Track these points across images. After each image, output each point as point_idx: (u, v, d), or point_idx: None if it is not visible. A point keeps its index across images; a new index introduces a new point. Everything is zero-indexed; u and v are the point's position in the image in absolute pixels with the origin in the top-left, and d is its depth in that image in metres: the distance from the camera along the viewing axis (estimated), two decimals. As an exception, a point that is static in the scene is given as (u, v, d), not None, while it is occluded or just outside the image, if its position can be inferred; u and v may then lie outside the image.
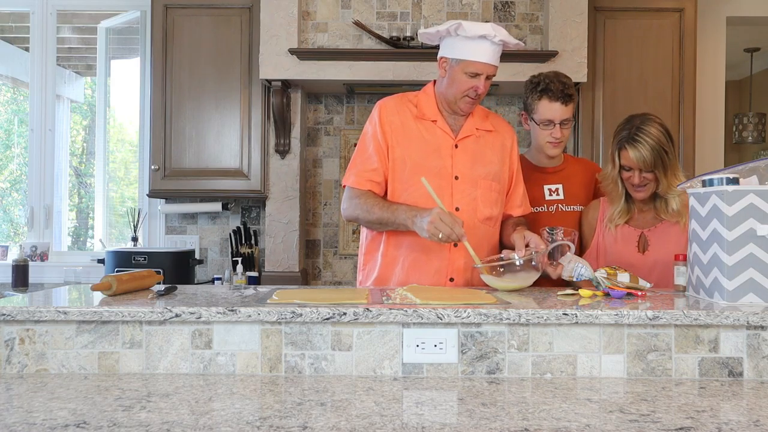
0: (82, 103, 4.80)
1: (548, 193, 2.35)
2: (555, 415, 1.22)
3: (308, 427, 1.14)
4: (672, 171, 2.12)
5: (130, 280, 1.72)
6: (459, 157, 2.17)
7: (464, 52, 2.09)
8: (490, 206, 2.18)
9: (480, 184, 2.16)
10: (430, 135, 2.17)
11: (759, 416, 1.23)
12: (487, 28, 2.06)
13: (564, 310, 1.49)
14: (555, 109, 2.24)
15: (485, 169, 2.18)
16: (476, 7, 3.67)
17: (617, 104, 3.65)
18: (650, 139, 2.08)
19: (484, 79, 2.11)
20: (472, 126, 2.21)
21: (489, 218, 2.18)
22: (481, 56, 2.08)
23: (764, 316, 1.48)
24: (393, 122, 2.18)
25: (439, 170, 2.14)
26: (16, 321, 1.48)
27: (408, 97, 2.26)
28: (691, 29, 3.67)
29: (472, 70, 2.09)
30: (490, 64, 2.10)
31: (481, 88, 2.11)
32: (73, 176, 4.63)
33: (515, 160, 2.29)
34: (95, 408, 1.23)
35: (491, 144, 2.23)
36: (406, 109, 2.20)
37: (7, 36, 4.44)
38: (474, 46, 2.08)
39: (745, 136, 5.89)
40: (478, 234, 2.12)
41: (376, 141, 2.17)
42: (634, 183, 2.13)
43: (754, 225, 1.63)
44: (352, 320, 1.47)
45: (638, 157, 2.08)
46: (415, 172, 2.13)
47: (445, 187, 2.13)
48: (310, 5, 3.66)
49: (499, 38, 2.07)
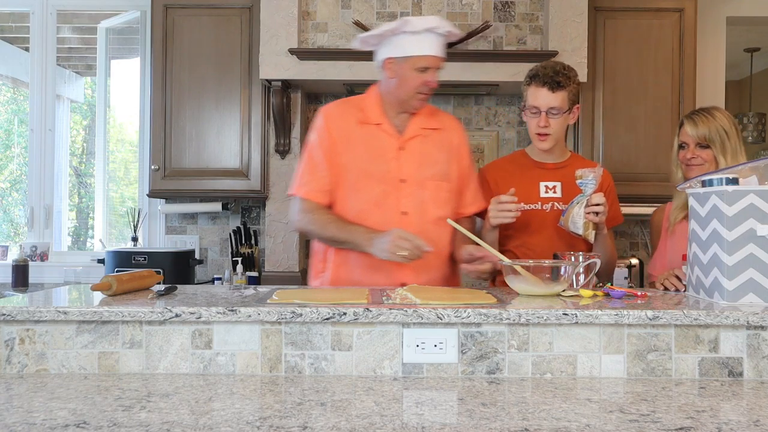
0: (82, 103, 4.81)
1: (544, 190, 2.26)
2: (555, 415, 1.22)
3: (308, 427, 1.14)
4: (734, 156, 2.11)
5: (130, 280, 1.72)
6: (405, 160, 2.14)
7: (411, 48, 2.08)
8: (440, 207, 2.15)
9: (428, 185, 2.14)
10: (374, 139, 2.15)
11: (759, 416, 1.23)
12: (433, 21, 2.07)
13: (564, 310, 1.49)
14: (541, 96, 2.15)
15: (433, 169, 2.15)
16: (476, 7, 3.67)
17: (617, 104, 3.65)
18: (709, 116, 2.14)
19: (434, 73, 2.10)
20: (417, 126, 2.18)
21: (439, 219, 2.13)
22: (428, 50, 2.07)
23: (764, 316, 1.48)
24: (338, 128, 2.16)
25: (384, 174, 2.12)
26: (16, 321, 1.48)
27: (352, 101, 2.26)
28: (691, 29, 3.67)
29: (422, 65, 2.08)
30: (439, 57, 2.10)
31: (432, 83, 2.10)
32: (73, 176, 4.63)
33: (465, 157, 2.26)
34: (95, 408, 1.23)
35: (438, 143, 2.20)
36: (350, 114, 2.18)
37: (7, 36, 4.44)
38: (420, 40, 2.08)
39: (745, 136, 5.89)
40: (429, 236, 2.03)
41: (324, 149, 2.15)
42: (687, 158, 2.14)
43: (754, 225, 1.63)
44: (352, 320, 1.47)
45: (692, 131, 2.13)
46: (360, 178, 2.12)
47: (391, 192, 2.11)
48: (310, 5, 3.66)
49: (445, 29, 2.08)
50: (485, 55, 3.49)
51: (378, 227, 2.04)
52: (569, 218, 2.07)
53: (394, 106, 2.17)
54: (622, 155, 3.61)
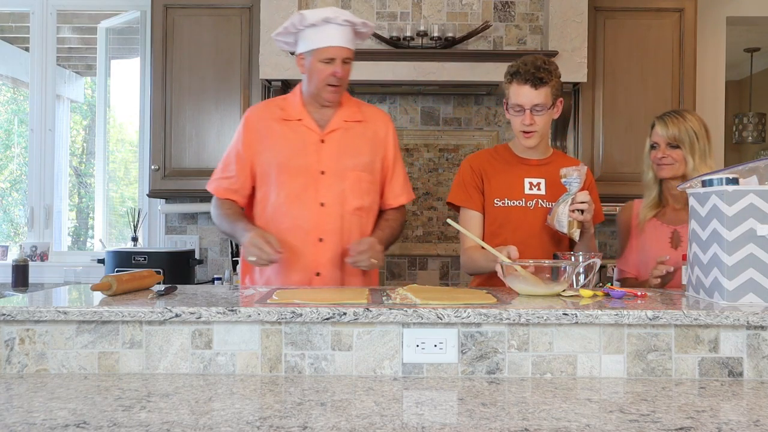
0: (82, 103, 4.81)
1: (528, 187, 2.21)
2: (555, 415, 1.22)
3: (308, 427, 1.14)
4: (702, 157, 2.15)
5: (130, 280, 1.72)
6: (325, 152, 2.18)
7: (314, 41, 2.13)
8: (360, 197, 2.20)
9: (348, 176, 2.18)
10: (295, 134, 2.20)
11: (759, 416, 1.23)
12: (328, 11, 2.10)
13: (564, 310, 1.49)
14: (524, 93, 2.11)
15: (354, 160, 2.20)
16: (476, 7, 3.67)
17: (617, 104, 3.65)
18: (681, 118, 2.18)
19: (341, 64, 2.13)
20: (340, 119, 2.22)
21: (359, 208, 2.20)
22: (330, 40, 2.11)
23: (764, 316, 1.48)
24: (257, 129, 2.22)
25: (305, 167, 2.17)
26: (16, 321, 1.48)
27: (275, 101, 2.32)
28: (691, 29, 3.67)
29: (326, 56, 2.11)
30: (342, 47, 2.12)
31: (339, 72, 2.13)
32: (73, 176, 4.63)
33: (391, 149, 2.29)
34: (95, 408, 1.23)
35: (361, 135, 2.23)
36: (271, 114, 2.24)
37: (7, 36, 4.44)
38: (321, 32, 2.11)
39: (745, 136, 5.89)
40: (347, 225, 2.17)
41: (237, 150, 2.24)
42: (658, 157, 2.17)
43: (754, 225, 1.63)
44: (352, 320, 1.47)
45: (663, 131, 2.17)
46: (280, 173, 2.17)
47: (310, 184, 2.16)
48: (310, 5, 3.66)
49: (343, 18, 2.10)
50: (485, 55, 3.48)
51: (296, 220, 2.13)
52: (555, 216, 2.07)
53: (312, 100, 2.22)
54: (622, 155, 3.62)
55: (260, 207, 2.24)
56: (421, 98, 3.98)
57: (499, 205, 2.20)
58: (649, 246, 2.21)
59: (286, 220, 2.16)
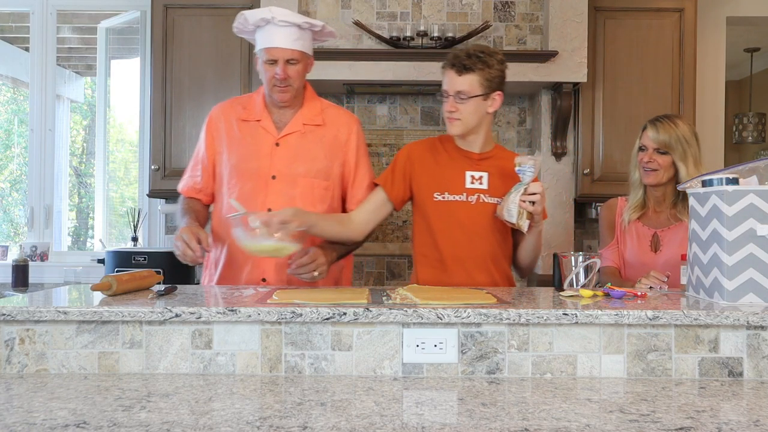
0: (82, 103, 4.81)
1: (470, 181, 2.12)
2: (555, 415, 1.22)
3: (308, 427, 1.14)
4: (695, 163, 2.16)
5: (130, 280, 1.72)
6: (279, 156, 2.14)
7: (259, 42, 2.11)
8: (311, 204, 2.13)
9: (299, 182, 2.13)
10: (253, 136, 2.17)
11: (759, 416, 1.23)
12: (266, 11, 2.06)
13: (564, 310, 1.49)
14: (447, 78, 2.05)
15: (307, 166, 2.14)
16: (476, 7, 3.67)
17: (617, 104, 3.65)
18: (672, 124, 2.18)
19: (283, 65, 2.08)
20: (298, 122, 2.18)
21: None
22: (270, 41, 2.08)
23: (764, 316, 1.48)
24: (219, 128, 2.20)
25: (257, 171, 2.13)
26: (16, 321, 1.48)
27: (239, 99, 2.29)
28: (691, 29, 3.67)
29: (268, 57, 2.09)
30: (284, 48, 2.07)
31: (280, 74, 2.08)
32: (73, 176, 4.63)
33: (352, 153, 2.21)
34: (95, 408, 1.23)
35: (319, 139, 2.17)
36: (234, 113, 2.21)
37: (7, 36, 4.44)
38: (264, 33, 2.09)
39: (745, 136, 5.89)
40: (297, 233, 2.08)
41: (202, 150, 2.23)
42: (644, 161, 2.16)
43: (754, 225, 1.63)
44: (352, 320, 1.47)
45: (654, 136, 2.17)
46: (233, 176, 2.15)
47: (260, 188, 2.13)
48: (310, 5, 3.66)
49: (281, 18, 2.05)
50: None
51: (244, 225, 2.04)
52: (505, 205, 2.00)
53: (269, 101, 2.20)
54: (622, 155, 3.61)
55: (216, 207, 2.23)
56: (421, 98, 3.98)
57: (439, 200, 2.11)
58: (630, 247, 2.22)
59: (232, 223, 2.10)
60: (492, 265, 2.11)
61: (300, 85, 2.17)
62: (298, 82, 2.14)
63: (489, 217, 2.09)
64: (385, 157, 3.99)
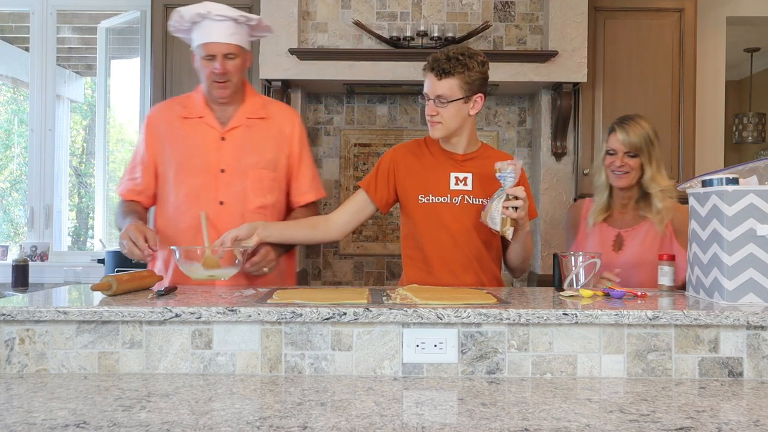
0: (82, 103, 4.81)
1: (454, 182, 2.09)
2: (555, 415, 1.22)
3: (308, 427, 1.14)
4: (657, 165, 2.18)
5: (130, 280, 1.72)
6: (226, 150, 2.15)
7: (196, 39, 2.12)
8: (262, 195, 2.16)
9: (249, 173, 2.15)
10: (196, 132, 2.17)
11: (759, 416, 1.23)
12: (200, 7, 2.07)
13: (564, 310, 1.49)
14: (427, 82, 2.04)
15: (255, 158, 2.16)
16: (476, 7, 3.67)
17: (617, 104, 3.65)
18: (638, 126, 2.18)
19: (222, 59, 2.08)
20: (242, 116, 2.19)
21: (262, 207, 2.16)
22: (207, 36, 2.08)
23: (764, 316, 1.48)
24: (158, 129, 2.20)
25: (204, 166, 2.14)
26: (16, 321, 1.48)
27: (178, 99, 2.29)
28: (691, 29, 3.67)
29: (205, 53, 2.09)
30: (221, 42, 2.08)
31: (219, 69, 2.08)
32: (73, 176, 4.63)
33: (296, 146, 2.24)
34: (95, 408, 1.23)
35: (265, 132, 2.20)
36: (173, 112, 2.21)
37: (7, 36, 4.44)
38: (201, 28, 2.10)
39: (745, 136, 5.89)
40: None
41: (142, 156, 2.22)
42: (616, 165, 2.17)
43: (754, 225, 1.63)
44: (352, 320, 1.47)
45: (624, 139, 2.16)
46: (179, 172, 2.15)
47: (210, 182, 2.13)
48: (310, 5, 3.66)
49: (217, 13, 2.06)
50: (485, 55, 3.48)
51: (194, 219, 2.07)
52: (488, 213, 1.96)
53: (210, 98, 2.20)
54: (622, 155, 3.61)
55: (161, 207, 2.22)
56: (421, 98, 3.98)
57: (424, 202, 2.09)
58: (592, 247, 2.22)
59: (186, 220, 2.11)
60: (478, 266, 2.10)
61: (239, 81, 2.18)
62: (237, 77, 2.15)
63: (474, 218, 2.07)
64: (385, 157, 3.99)
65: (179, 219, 2.14)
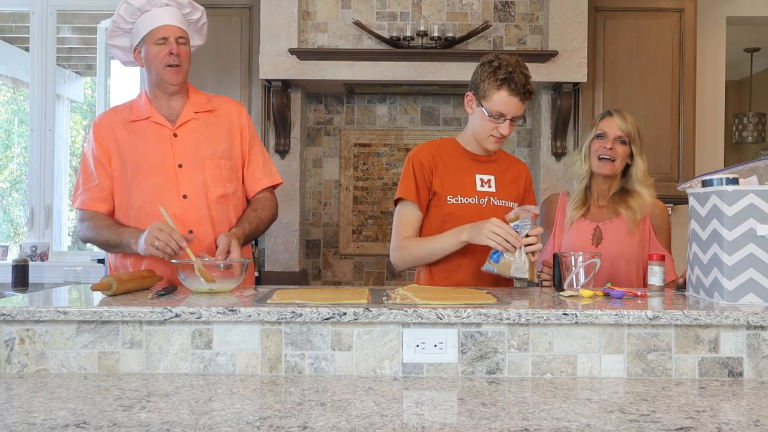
0: (82, 103, 4.81)
1: (480, 184, 2.13)
2: (555, 415, 1.22)
3: (308, 427, 1.14)
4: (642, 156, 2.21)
5: (130, 280, 1.72)
6: (180, 145, 2.16)
7: (144, 27, 2.13)
8: (222, 184, 2.17)
9: (207, 165, 2.16)
10: (146, 133, 2.17)
11: (759, 416, 1.23)
12: None
13: (564, 310, 1.49)
14: (513, 105, 2.02)
15: (211, 149, 2.18)
16: (476, 7, 3.67)
17: (617, 104, 3.65)
18: (631, 117, 2.23)
19: (175, 43, 2.11)
20: (190, 111, 2.20)
21: (223, 196, 2.16)
22: (158, 20, 2.11)
23: (764, 316, 1.48)
24: (107, 136, 2.19)
25: (161, 164, 2.14)
26: (16, 321, 1.48)
27: (121, 106, 2.28)
28: (691, 29, 3.67)
29: (158, 36, 2.11)
30: (173, 25, 2.12)
31: (175, 49, 2.11)
32: (73, 176, 4.63)
33: (246, 135, 2.26)
34: (95, 408, 1.23)
35: (215, 123, 2.22)
36: (118, 118, 2.21)
37: (7, 36, 4.44)
38: (149, 16, 2.12)
39: (745, 136, 5.89)
40: (214, 214, 2.13)
41: (96, 158, 2.18)
42: (606, 148, 2.17)
43: (754, 225, 1.63)
44: (352, 320, 1.47)
45: (621, 124, 2.18)
46: (136, 174, 2.13)
47: (170, 179, 2.13)
48: (310, 5, 3.66)
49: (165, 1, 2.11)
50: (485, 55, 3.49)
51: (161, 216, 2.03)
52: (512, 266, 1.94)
53: (157, 94, 2.19)
54: (622, 155, 3.62)
55: (122, 213, 2.16)
56: (421, 98, 3.98)
57: (453, 203, 2.10)
58: (570, 241, 2.21)
59: (151, 219, 2.06)
60: None
61: (187, 70, 2.20)
62: (187, 64, 2.18)
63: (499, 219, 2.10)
64: (384, 156, 4.00)
65: (144, 220, 2.08)
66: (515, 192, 2.19)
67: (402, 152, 3.97)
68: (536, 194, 3.72)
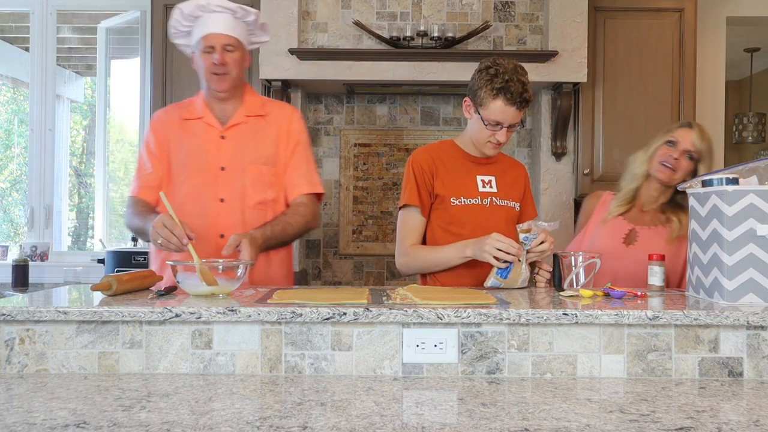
0: (82, 103, 4.81)
1: (481, 185, 2.15)
2: (555, 415, 1.22)
3: (308, 427, 1.14)
4: None
5: (130, 280, 1.72)
6: (226, 148, 2.17)
7: (195, 34, 2.14)
8: (262, 191, 2.17)
9: (249, 170, 2.16)
10: (197, 132, 2.19)
11: (759, 416, 1.23)
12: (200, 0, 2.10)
13: (564, 310, 1.49)
14: (509, 114, 2.03)
15: (255, 154, 2.18)
16: (476, 7, 3.67)
17: (617, 104, 3.66)
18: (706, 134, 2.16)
19: (220, 50, 2.10)
20: (242, 114, 2.21)
21: (262, 202, 2.17)
22: (205, 28, 2.11)
23: (764, 316, 1.48)
24: (162, 130, 2.22)
25: (205, 165, 2.16)
26: (16, 321, 1.48)
27: (179, 103, 2.31)
28: (691, 29, 3.67)
29: (205, 45, 2.11)
30: (220, 33, 2.10)
31: (219, 59, 2.10)
32: (73, 176, 4.63)
33: (293, 141, 2.24)
34: (95, 408, 1.23)
35: (264, 128, 2.22)
36: (175, 115, 2.24)
37: (7, 36, 4.44)
38: (200, 23, 2.12)
39: (745, 136, 5.89)
40: (249, 219, 2.13)
41: (149, 149, 2.22)
42: (671, 157, 2.12)
43: (754, 225, 1.63)
44: (352, 320, 1.47)
45: (696, 139, 2.12)
46: (181, 172, 2.17)
47: (210, 180, 2.15)
48: (310, 5, 3.66)
49: (216, 4, 2.09)
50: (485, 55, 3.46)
51: (197, 217, 2.07)
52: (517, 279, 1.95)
53: (210, 97, 2.21)
54: (622, 155, 3.61)
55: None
56: (421, 98, 3.98)
57: (456, 204, 2.11)
58: (602, 236, 2.19)
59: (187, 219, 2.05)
60: None
61: (238, 76, 2.19)
62: (236, 71, 2.16)
63: (502, 219, 2.13)
64: (384, 156, 4.00)
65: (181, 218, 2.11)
66: (516, 192, 2.20)
67: (402, 152, 3.97)
68: (536, 194, 3.73)
